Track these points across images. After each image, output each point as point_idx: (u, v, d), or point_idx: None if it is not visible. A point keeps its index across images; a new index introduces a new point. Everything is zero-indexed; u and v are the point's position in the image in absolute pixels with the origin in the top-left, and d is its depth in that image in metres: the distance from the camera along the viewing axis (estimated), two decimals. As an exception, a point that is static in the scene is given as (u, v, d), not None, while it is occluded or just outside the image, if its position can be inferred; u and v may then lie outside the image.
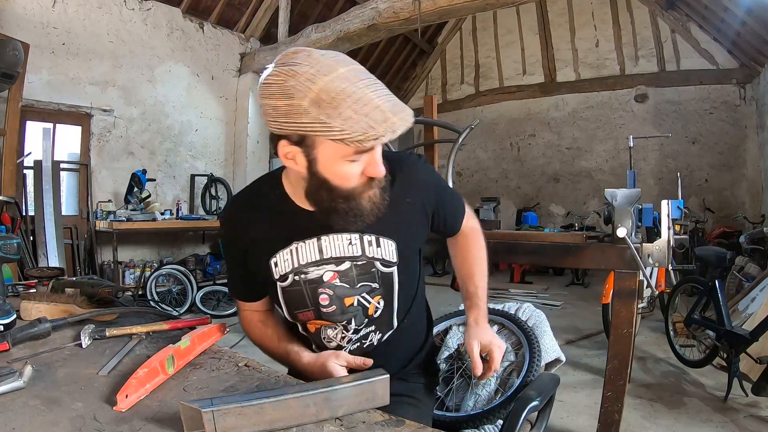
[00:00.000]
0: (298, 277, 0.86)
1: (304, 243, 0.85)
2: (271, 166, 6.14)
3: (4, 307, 0.95)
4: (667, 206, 1.79)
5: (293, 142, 0.72)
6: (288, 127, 0.69)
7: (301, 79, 0.66)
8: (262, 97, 0.71)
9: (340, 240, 0.85)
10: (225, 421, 0.57)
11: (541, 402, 0.82)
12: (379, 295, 0.90)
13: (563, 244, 1.94)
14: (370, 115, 0.66)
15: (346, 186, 0.76)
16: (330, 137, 0.67)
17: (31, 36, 4.04)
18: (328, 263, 0.86)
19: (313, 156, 0.73)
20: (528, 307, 1.34)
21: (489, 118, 8.25)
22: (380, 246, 0.87)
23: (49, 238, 3.97)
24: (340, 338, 0.91)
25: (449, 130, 2.63)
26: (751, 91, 6.26)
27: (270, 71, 0.71)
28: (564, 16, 7.57)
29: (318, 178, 0.75)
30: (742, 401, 2.35)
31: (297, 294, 0.88)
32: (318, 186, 0.76)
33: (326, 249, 0.85)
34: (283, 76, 0.68)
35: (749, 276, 3.93)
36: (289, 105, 0.67)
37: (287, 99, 0.67)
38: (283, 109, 0.68)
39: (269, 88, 0.69)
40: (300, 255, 0.85)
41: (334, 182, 0.75)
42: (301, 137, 0.71)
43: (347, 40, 4.67)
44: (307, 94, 0.66)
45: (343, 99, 0.66)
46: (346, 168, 0.73)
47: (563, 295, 5.31)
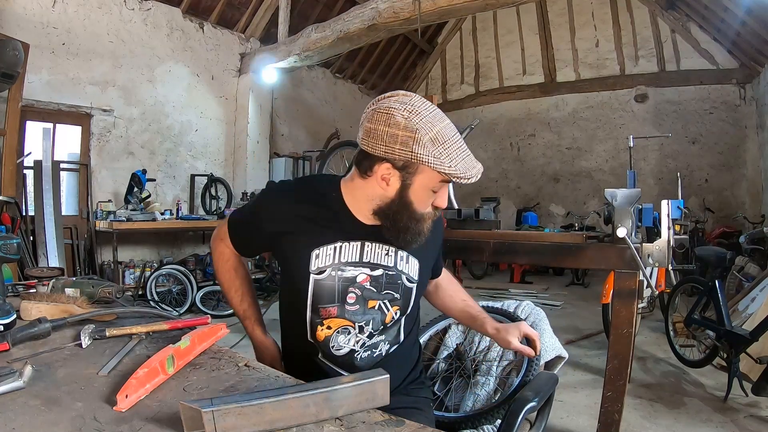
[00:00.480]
0: (334, 272, 0.94)
1: (348, 244, 0.95)
2: (271, 167, 6.15)
3: (4, 307, 0.95)
4: (667, 206, 1.79)
5: (397, 167, 0.86)
6: (401, 154, 0.83)
7: (425, 120, 0.82)
8: (377, 123, 0.84)
9: (380, 249, 0.97)
10: (225, 421, 0.57)
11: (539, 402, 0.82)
12: (398, 306, 0.99)
13: (563, 244, 1.94)
14: (466, 161, 0.85)
15: (421, 210, 0.90)
16: (439, 169, 0.83)
17: (31, 36, 4.04)
18: (365, 266, 0.96)
19: (410, 182, 0.87)
20: (527, 305, 1.35)
21: (489, 118, 8.25)
22: (408, 263, 0.99)
23: (49, 238, 3.97)
24: (353, 342, 0.97)
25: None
26: (751, 91, 6.26)
27: (389, 104, 0.84)
28: (564, 16, 7.57)
29: (404, 201, 0.88)
30: (742, 401, 2.35)
31: (328, 288, 0.94)
32: (400, 207, 0.89)
33: (366, 254, 0.96)
34: (407, 113, 0.82)
35: (749, 276, 3.93)
36: (411, 137, 0.81)
37: (410, 132, 0.81)
38: (402, 139, 0.82)
39: (392, 119, 0.82)
40: (342, 253, 0.95)
41: (416, 206, 0.89)
42: (406, 164, 0.85)
43: (347, 40, 4.67)
44: (429, 132, 0.82)
45: (452, 143, 0.84)
46: (428, 196, 0.90)
47: (563, 295, 5.31)
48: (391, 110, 0.83)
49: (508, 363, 1.24)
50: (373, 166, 0.87)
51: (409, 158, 0.83)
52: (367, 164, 0.88)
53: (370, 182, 0.90)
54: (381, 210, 0.91)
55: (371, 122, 0.85)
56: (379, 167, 0.86)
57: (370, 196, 0.92)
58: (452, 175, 0.83)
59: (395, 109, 0.83)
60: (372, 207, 0.92)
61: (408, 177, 0.86)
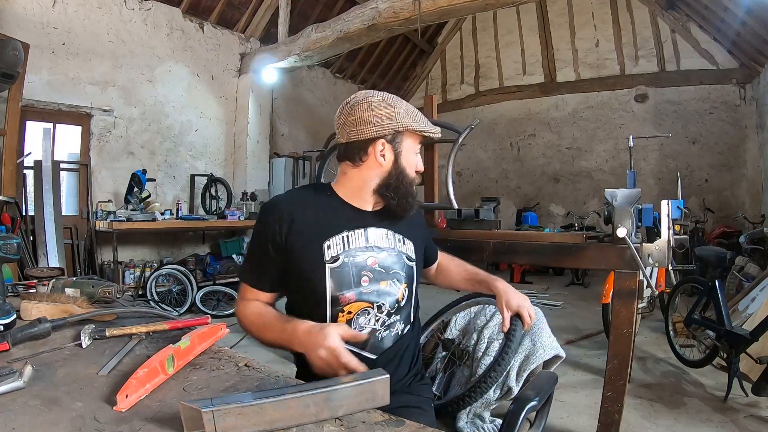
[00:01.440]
0: (347, 258, 1.02)
1: (354, 232, 1.04)
2: (271, 167, 6.14)
3: (4, 307, 0.95)
4: (667, 206, 1.79)
5: (388, 140, 1.02)
6: (389, 127, 1.00)
7: (394, 99, 1.04)
8: (361, 112, 1.00)
9: (382, 233, 1.07)
10: (225, 421, 0.57)
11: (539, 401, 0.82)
12: (405, 284, 1.08)
13: (563, 244, 1.94)
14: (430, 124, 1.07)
15: (411, 175, 1.07)
16: (417, 129, 1.03)
17: (31, 36, 4.04)
18: (371, 250, 1.05)
19: (400, 149, 1.04)
20: None
21: (489, 118, 8.25)
22: (405, 244, 1.10)
23: (49, 238, 3.97)
24: (374, 322, 1.03)
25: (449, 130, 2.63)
26: (751, 91, 6.26)
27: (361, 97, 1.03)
28: (564, 16, 7.57)
29: (399, 168, 1.04)
30: (742, 401, 2.35)
31: (344, 274, 1.01)
32: (398, 176, 1.04)
33: (371, 238, 1.05)
34: (380, 97, 1.03)
35: (749, 276, 3.93)
36: (391, 111, 1.01)
37: (390, 108, 1.01)
38: (387, 114, 1.00)
39: (372, 105, 1.01)
40: (351, 241, 1.03)
41: (407, 171, 1.05)
42: (395, 134, 1.02)
43: (347, 40, 4.67)
44: (401, 106, 1.03)
45: (417, 113, 1.06)
46: (413, 159, 1.07)
47: (563, 295, 5.31)
48: (368, 99, 1.01)
49: None
50: (367, 149, 1.02)
51: (397, 128, 1.00)
52: (360, 150, 1.02)
53: (365, 166, 1.04)
54: (382, 186, 1.04)
55: (354, 115, 1.01)
56: (374, 147, 1.01)
57: (367, 178, 1.05)
58: (427, 131, 1.04)
59: (370, 97, 1.02)
60: (372, 188, 1.05)
61: (398, 146, 1.03)
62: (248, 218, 5.30)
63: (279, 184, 5.99)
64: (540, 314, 1.31)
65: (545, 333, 1.25)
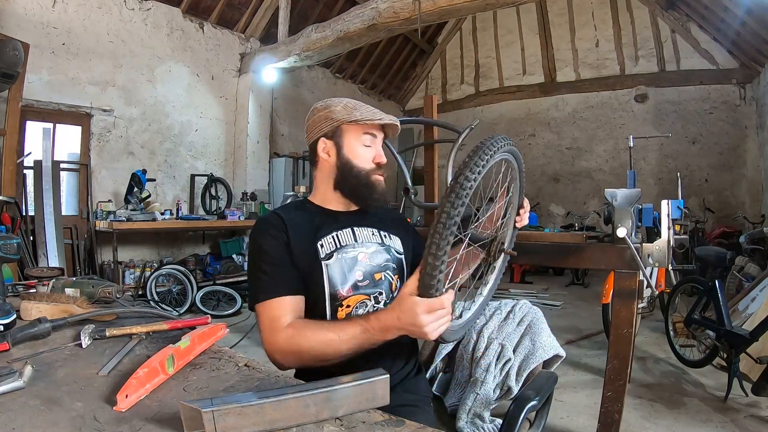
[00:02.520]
0: (339, 255, 1.05)
1: (342, 231, 1.09)
2: (271, 167, 6.15)
3: (4, 307, 0.95)
4: (667, 206, 1.79)
5: (328, 137, 1.08)
6: (326, 126, 1.08)
7: (335, 101, 1.10)
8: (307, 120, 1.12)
9: (367, 231, 1.12)
10: (225, 421, 0.57)
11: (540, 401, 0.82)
12: (397, 275, 1.12)
13: (563, 244, 1.94)
14: (373, 112, 1.08)
15: (363, 166, 1.08)
16: (352, 119, 1.05)
17: (31, 36, 4.04)
18: (360, 246, 1.09)
19: (341, 143, 1.08)
20: (524, 303, 1.34)
21: (489, 118, 8.25)
22: (391, 239, 1.16)
23: (49, 238, 3.97)
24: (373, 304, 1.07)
25: (449, 130, 2.63)
26: (751, 91, 6.26)
27: (318, 104, 1.12)
28: (564, 16, 7.57)
29: (344, 160, 1.08)
30: (742, 401, 2.34)
31: (338, 270, 1.04)
32: (345, 168, 1.08)
33: (359, 236, 1.10)
34: (322, 103, 1.11)
35: (749, 276, 3.93)
36: (328, 111, 1.08)
37: (327, 110, 1.08)
38: (324, 115, 1.08)
39: (314, 111, 1.11)
40: (340, 239, 1.08)
41: (355, 162, 1.08)
42: (333, 130, 1.07)
43: (347, 40, 4.67)
44: (339, 104, 1.08)
45: (360, 106, 1.09)
46: (362, 150, 1.08)
47: (563, 295, 5.31)
48: (313, 107, 1.12)
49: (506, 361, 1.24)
50: (316, 150, 1.10)
51: (332, 125, 1.07)
52: (313, 154, 1.12)
53: (320, 167, 1.12)
54: (337, 182, 1.10)
55: (307, 121, 1.13)
56: (318, 146, 1.09)
57: (326, 177, 1.11)
58: (361, 120, 1.05)
59: (316, 105, 1.12)
60: (331, 186, 1.11)
61: (339, 140, 1.08)
62: (248, 218, 5.30)
63: (279, 184, 5.99)
64: (539, 314, 1.31)
65: (545, 333, 1.25)
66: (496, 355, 1.23)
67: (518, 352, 1.24)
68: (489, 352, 1.25)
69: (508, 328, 1.28)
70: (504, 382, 1.21)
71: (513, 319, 1.30)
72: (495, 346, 1.25)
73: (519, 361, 1.22)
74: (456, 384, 1.28)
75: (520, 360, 1.22)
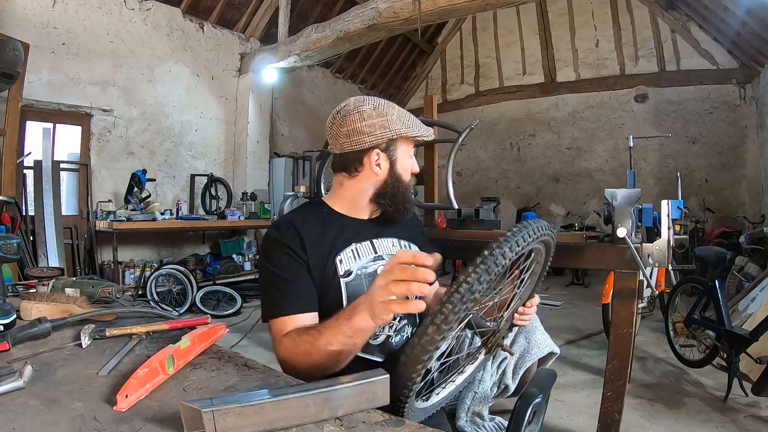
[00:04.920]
0: (360, 271, 1.02)
1: (361, 244, 1.05)
2: (271, 167, 6.14)
3: (4, 307, 0.95)
4: (667, 206, 1.79)
5: (382, 149, 1.02)
6: (383, 136, 1.00)
7: (385, 106, 1.02)
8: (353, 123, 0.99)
9: (387, 242, 1.09)
10: (225, 421, 0.57)
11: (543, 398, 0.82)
12: None
13: (563, 244, 1.94)
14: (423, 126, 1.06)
15: (407, 179, 1.07)
16: (411, 135, 1.03)
17: (31, 36, 4.04)
18: (381, 260, 1.06)
19: (395, 157, 1.04)
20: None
21: (489, 118, 8.25)
22: (411, 249, 1.13)
23: (49, 238, 3.97)
24: (387, 328, 1.05)
25: (449, 130, 2.63)
26: (751, 91, 6.26)
27: (352, 106, 1.01)
28: (564, 16, 7.57)
29: (396, 176, 1.04)
30: (742, 401, 2.34)
31: (357, 287, 1.00)
32: (395, 183, 1.04)
33: (379, 248, 1.07)
34: (372, 106, 1.00)
35: (749, 276, 3.93)
36: (383, 120, 1.00)
37: (381, 117, 1.00)
38: (380, 123, 0.99)
39: (364, 114, 0.99)
40: (360, 253, 1.04)
41: (404, 177, 1.06)
42: (388, 142, 1.02)
43: (347, 40, 4.67)
44: (392, 113, 1.02)
45: (408, 118, 1.04)
46: (408, 162, 1.07)
47: (563, 295, 5.31)
48: (359, 108, 1.00)
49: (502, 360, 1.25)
50: (362, 159, 1.02)
51: (391, 136, 1.00)
52: (355, 161, 1.02)
53: (361, 176, 1.04)
54: (378, 194, 1.05)
55: (347, 126, 0.99)
56: (369, 157, 1.02)
57: (363, 188, 1.05)
58: (421, 136, 1.04)
59: (361, 106, 1.00)
60: (368, 197, 1.06)
61: (393, 153, 1.03)
62: (248, 218, 5.31)
63: (279, 184, 5.99)
64: None
65: (539, 330, 1.25)
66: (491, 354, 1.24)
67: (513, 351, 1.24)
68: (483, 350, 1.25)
69: None
70: (501, 380, 1.21)
71: None
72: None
73: (515, 360, 1.23)
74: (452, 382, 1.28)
75: (516, 358, 1.23)
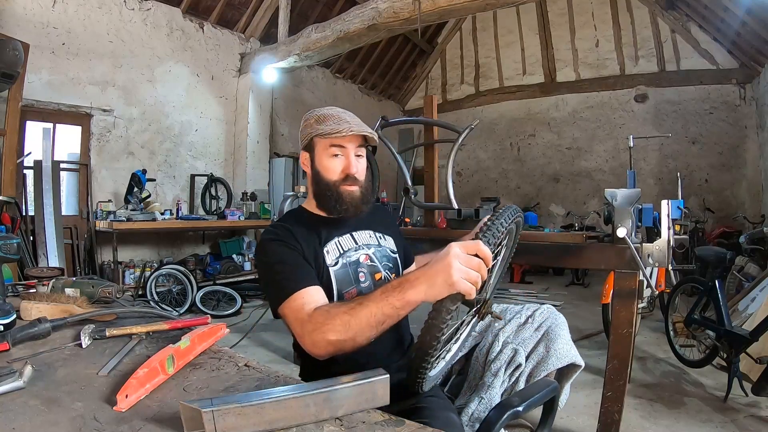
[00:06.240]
0: (344, 259, 1.11)
1: (342, 237, 1.14)
2: (271, 167, 6.15)
3: (4, 307, 0.95)
4: (667, 206, 1.79)
5: (306, 149, 1.14)
6: (305, 138, 1.13)
7: (316, 110, 1.15)
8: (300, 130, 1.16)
9: (365, 234, 1.19)
10: (225, 421, 0.57)
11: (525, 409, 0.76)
12: (395, 273, 1.18)
13: (563, 244, 1.94)
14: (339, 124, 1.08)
15: (330, 177, 1.10)
16: (317, 134, 1.09)
17: (31, 36, 4.04)
18: (360, 249, 1.15)
19: (314, 155, 1.12)
20: (546, 308, 1.31)
21: (489, 118, 8.25)
22: (386, 240, 1.23)
23: (49, 238, 3.97)
24: None
25: (449, 130, 2.63)
26: (751, 91, 6.26)
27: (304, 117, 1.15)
28: (564, 16, 7.57)
29: (315, 171, 1.12)
30: (742, 401, 2.35)
31: (344, 274, 1.09)
32: (317, 179, 1.12)
33: (358, 239, 1.16)
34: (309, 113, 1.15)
35: (749, 276, 3.93)
36: (306, 125, 1.13)
37: (306, 121, 1.14)
38: (302, 128, 1.14)
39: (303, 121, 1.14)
40: (342, 244, 1.13)
41: (323, 173, 1.11)
42: (308, 142, 1.12)
43: (347, 40, 4.67)
44: (315, 116, 1.12)
45: (329, 117, 1.10)
46: (329, 162, 1.10)
47: (563, 295, 5.31)
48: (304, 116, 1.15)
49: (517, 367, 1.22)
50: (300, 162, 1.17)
51: (307, 137, 1.12)
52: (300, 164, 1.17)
53: (307, 177, 1.16)
54: (314, 192, 1.14)
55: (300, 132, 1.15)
56: (301, 158, 1.16)
57: (310, 186, 1.16)
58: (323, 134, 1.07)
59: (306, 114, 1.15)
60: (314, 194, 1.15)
61: (312, 152, 1.12)
62: (248, 218, 5.31)
63: (279, 184, 5.99)
64: (560, 320, 1.26)
65: (561, 339, 1.20)
66: (507, 360, 1.21)
67: (531, 359, 1.21)
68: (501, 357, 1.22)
69: (525, 333, 1.26)
70: (512, 388, 1.19)
71: (531, 324, 1.27)
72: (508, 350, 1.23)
73: (530, 368, 1.19)
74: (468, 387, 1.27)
75: (532, 366, 1.19)
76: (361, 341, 0.85)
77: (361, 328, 0.83)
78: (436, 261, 0.78)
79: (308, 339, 0.88)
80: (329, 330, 0.84)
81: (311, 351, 0.88)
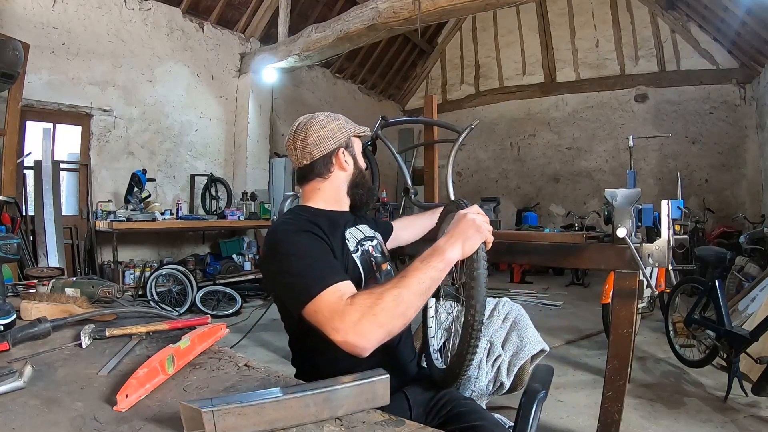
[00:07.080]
0: (361, 247, 1.15)
1: (353, 228, 1.19)
2: (271, 167, 6.14)
3: (4, 307, 0.95)
4: (667, 206, 1.79)
5: (346, 148, 1.16)
6: (342, 137, 1.15)
7: (333, 114, 1.18)
8: (317, 131, 1.12)
9: (365, 227, 1.24)
10: (225, 421, 0.57)
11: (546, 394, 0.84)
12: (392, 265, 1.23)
13: (563, 244, 1.94)
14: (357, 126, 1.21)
15: (367, 175, 1.23)
16: (359, 132, 1.20)
17: (31, 36, 4.04)
18: (368, 240, 1.20)
19: (354, 153, 1.19)
20: (506, 301, 1.40)
21: (489, 118, 8.25)
22: (377, 233, 1.28)
23: (49, 238, 3.97)
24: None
25: (449, 130, 2.63)
26: (751, 91, 6.26)
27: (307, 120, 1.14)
28: (564, 16, 7.57)
29: (358, 167, 1.20)
30: (742, 401, 2.35)
31: (365, 262, 1.13)
32: (359, 174, 1.20)
33: (363, 230, 1.22)
34: (324, 115, 1.16)
35: (749, 276, 3.93)
36: (338, 124, 1.16)
37: (336, 121, 1.16)
38: (337, 128, 1.15)
39: (322, 123, 1.13)
40: (355, 234, 1.18)
41: (363, 169, 1.22)
42: (347, 141, 1.17)
43: (347, 40, 4.67)
44: (342, 117, 1.19)
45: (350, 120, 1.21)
46: (361, 156, 1.22)
47: (563, 295, 5.31)
48: (315, 119, 1.14)
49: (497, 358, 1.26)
50: (332, 160, 1.14)
51: (348, 135, 1.16)
52: (325, 164, 1.14)
53: (334, 176, 1.16)
54: (352, 187, 1.19)
55: (311, 136, 1.12)
56: (337, 157, 1.15)
57: (339, 185, 1.17)
58: (364, 133, 1.21)
59: (317, 117, 1.15)
60: (344, 191, 1.18)
61: (352, 150, 1.18)
62: (248, 218, 5.31)
63: (279, 184, 5.99)
64: (522, 310, 1.37)
65: (530, 328, 1.31)
66: (486, 352, 1.28)
67: (507, 348, 1.28)
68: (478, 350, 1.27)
69: (494, 326, 1.33)
70: (496, 377, 1.24)
71: (497, 316, 1.36)
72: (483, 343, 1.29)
73: (509, 357, 1.26)
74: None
75: (510, 355, 1.27)
76: (410, 315, 0.86)
77: (411, 299, 0.84)
78: (458, 222, 0.96)
79: (352, 331, 0.80)
80: (380, 310, 0.81)
81: (355, 344, 0.80)
